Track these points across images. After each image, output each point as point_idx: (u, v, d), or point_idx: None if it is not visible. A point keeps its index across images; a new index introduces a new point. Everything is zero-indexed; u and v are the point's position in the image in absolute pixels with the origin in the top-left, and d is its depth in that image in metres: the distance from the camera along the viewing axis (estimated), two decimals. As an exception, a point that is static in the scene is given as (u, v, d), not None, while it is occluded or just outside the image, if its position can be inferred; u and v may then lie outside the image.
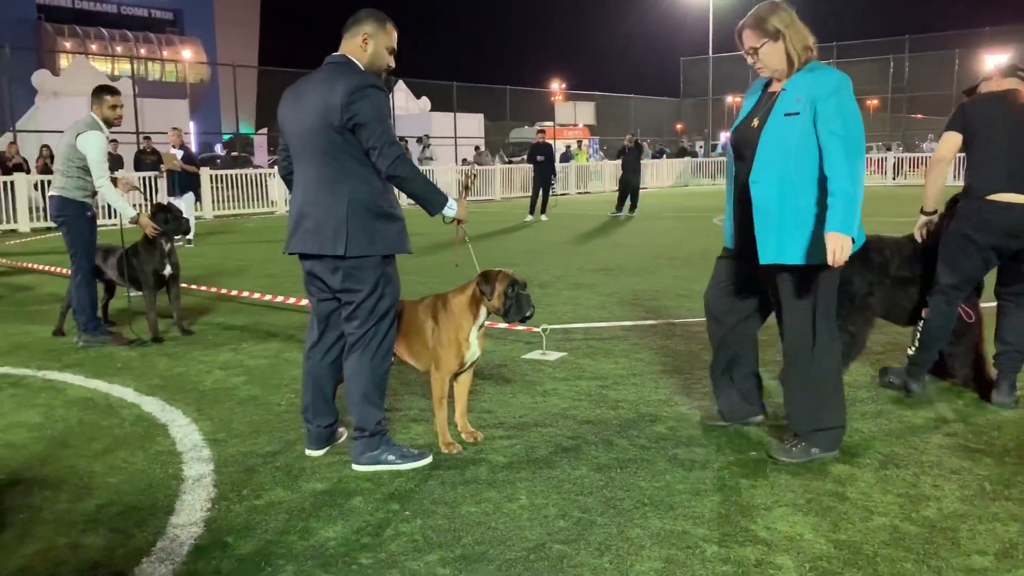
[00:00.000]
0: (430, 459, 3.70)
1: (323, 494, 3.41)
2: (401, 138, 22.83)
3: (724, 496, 3.31)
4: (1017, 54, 33.40)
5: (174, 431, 4.23)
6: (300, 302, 7.28)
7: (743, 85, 46.62)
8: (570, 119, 44.45)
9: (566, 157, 31.57)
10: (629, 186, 19.24)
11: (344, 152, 3.45)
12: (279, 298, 7.73)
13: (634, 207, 19.13)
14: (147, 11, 72.13)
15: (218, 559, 2.86)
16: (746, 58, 3.61)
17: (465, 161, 30.10)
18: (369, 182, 3.50)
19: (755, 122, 3.62)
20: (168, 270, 6.40)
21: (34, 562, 2.86)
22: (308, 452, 3.85)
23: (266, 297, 7.85)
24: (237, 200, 21.63)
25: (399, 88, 35.37)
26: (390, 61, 3.65)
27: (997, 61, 23.50)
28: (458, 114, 33.50)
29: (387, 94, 3.61)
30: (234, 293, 8.26)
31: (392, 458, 3.64)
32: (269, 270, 10.47)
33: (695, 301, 7.59)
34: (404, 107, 34.86)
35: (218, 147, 39.78)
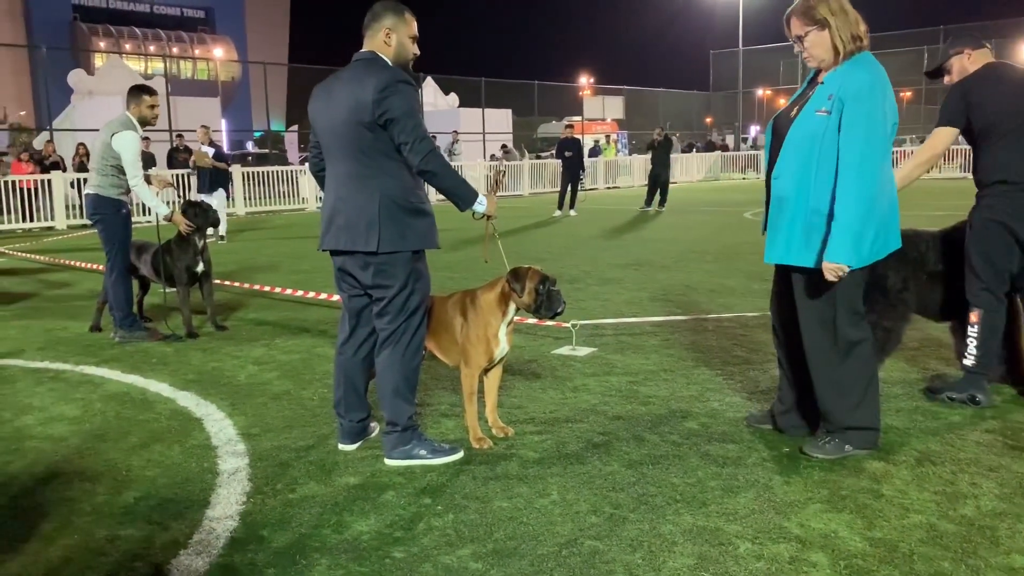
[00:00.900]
0: (461, 454, 3.72)
1: (356, 488, 3.44)
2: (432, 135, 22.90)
3: (757, 493, 3.28)
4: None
5: (209, 425, 4.29)
6: (331, 298, 7.35)
7: (773, 78, 46.34)
8: (598, 114, 44.22)
9: (595, 152, 31.45)
10: (659, 180, 19.15)
11: (375, 148, 3.47)
12: (310, 294, 7.79)
13: (663, 201, 19.04)
14: (179, 10, 73.11)
15: (253, 552, 2.90)
16: (794, 46, 3.51)
17: (493, 157, 30.12)
18: (400, 178, 3.51)
19: (794, 111, 3.52)
20: (201, 267, 6.47)
21: (74, 554, 2.92)
22: (341, 447, 3.88)
23: (298, 293, 7.92)
24: (269, 197, 21.88)
25: (427, 84, 35.49)
26: (415, 49, 3.66)
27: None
28: (487, 109, 33.52)
29: (416, 88, 3.62)
30: (266, 289, 8.35)
31: (424, 453, 3.66)
32: (300, 266, 10.56)
33: (725, 297, 7.54)
34: (433, 103, 34.97)
35: (249, 144, 40.15)
